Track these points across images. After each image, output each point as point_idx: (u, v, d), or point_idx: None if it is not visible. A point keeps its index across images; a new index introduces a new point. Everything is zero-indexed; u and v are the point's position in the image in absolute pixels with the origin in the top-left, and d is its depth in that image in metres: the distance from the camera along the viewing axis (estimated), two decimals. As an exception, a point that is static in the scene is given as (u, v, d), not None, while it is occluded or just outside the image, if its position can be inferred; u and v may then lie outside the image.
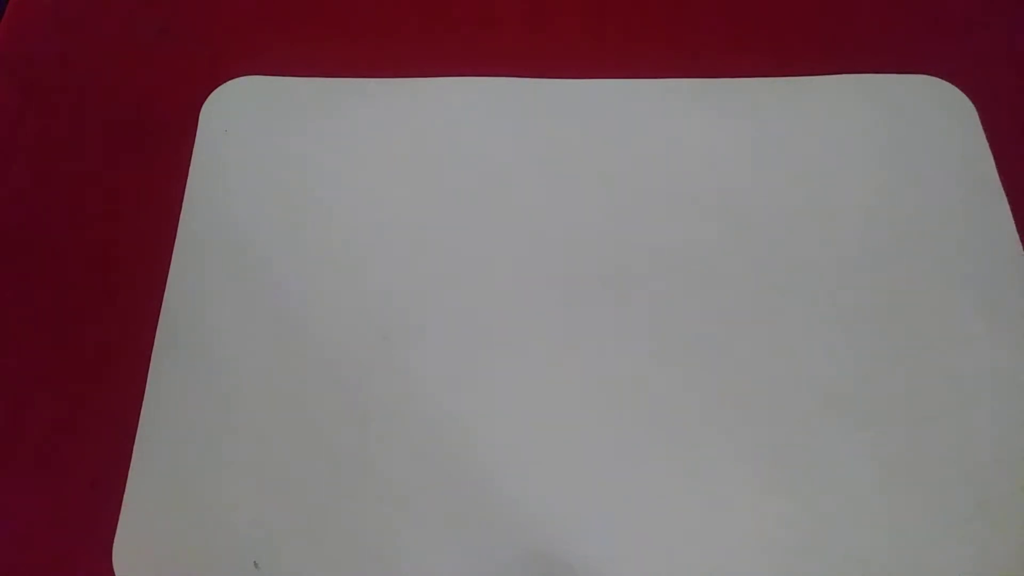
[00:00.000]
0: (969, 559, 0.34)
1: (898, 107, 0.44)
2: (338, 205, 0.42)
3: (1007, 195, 0.41)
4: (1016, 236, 0.40)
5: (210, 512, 0.35)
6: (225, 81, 0.45)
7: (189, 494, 0.35)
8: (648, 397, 0.37)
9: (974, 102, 0.44)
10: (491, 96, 0.45)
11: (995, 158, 0.42)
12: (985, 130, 0.43)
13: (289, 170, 0.43)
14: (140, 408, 0.37)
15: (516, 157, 0.43)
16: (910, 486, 0.35)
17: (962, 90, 0.44)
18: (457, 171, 0.42)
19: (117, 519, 0.35)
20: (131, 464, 0.36)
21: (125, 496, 0.35)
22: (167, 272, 0.40)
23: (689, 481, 0.35)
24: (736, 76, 0.45)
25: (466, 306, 0.39)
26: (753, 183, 0.42)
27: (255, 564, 0.34)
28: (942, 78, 0.45)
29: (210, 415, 0.37)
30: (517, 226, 0.41)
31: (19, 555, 0.34)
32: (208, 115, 0.44)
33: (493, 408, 0.37)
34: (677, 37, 0.47)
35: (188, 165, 0.43)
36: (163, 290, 0.39)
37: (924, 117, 0.44)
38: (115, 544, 0.34)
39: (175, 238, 0.41)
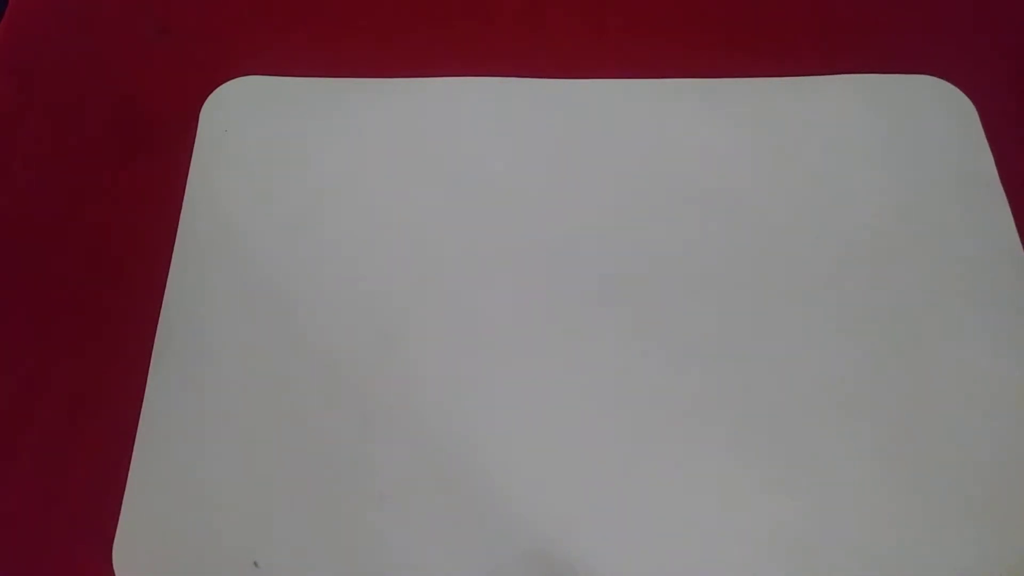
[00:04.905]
0: (969, 558, 0.34)
1: (898, 107, 0.44)
2: (338, 205, 0.42)
3: (1007, 195, 0.41)
4: (1016, 236, 0.40)
5: (210, 512, 0.35)
6: (225, 81, 0.45)
7: (189, 494, 0.35)
8: (649, 396, 0.37)
9: (974, 102, 0.44)
10: (491, 96, 0.45)
11: (995, 158, 0.42)
12: (985, 130, 0.43)
13: (289, 170, 0.43)
14: (140, 408, 0.37)
15: (516, 157, 0.43)
16: (912, 485, 0.35)
17: (962, 90, 0.44)
18: (457, 171, 0.42)
19: (117, 519, 0.35)
20: (131, 464, 0.36)
21: (125, 496, 0.35)
22: (167, 272, 0.40)
23: (690, 480, 0.35)
24: (736, 76, 0.45)
25: (466, 306, 0.39)
26: (753, 183, 0.42)
27: (255, 564, 0.34)
28: (942, 78, 0.45)
29: (210, 415, 0.37)
30: (518, 226, 0.41)
31: (19, 555, 0.34)
32: (208, 115, 0.44)
33: (493, 408, 0.37)
34: (677, 37, 0.46)
35: (188, 165, 0.43)
36: (163, 290, 0.39)
37: (924, 117, 0.44)
38: (115, 544, 0.34)
39: (175, 238, 0.41)
